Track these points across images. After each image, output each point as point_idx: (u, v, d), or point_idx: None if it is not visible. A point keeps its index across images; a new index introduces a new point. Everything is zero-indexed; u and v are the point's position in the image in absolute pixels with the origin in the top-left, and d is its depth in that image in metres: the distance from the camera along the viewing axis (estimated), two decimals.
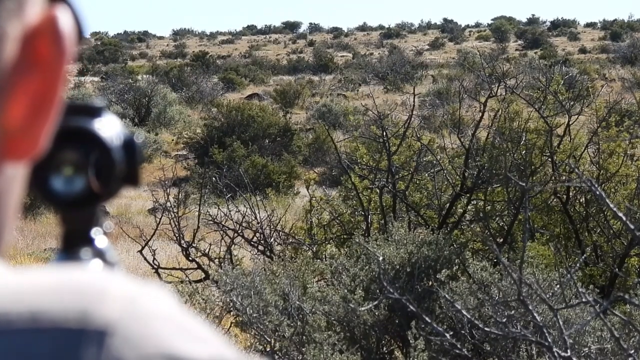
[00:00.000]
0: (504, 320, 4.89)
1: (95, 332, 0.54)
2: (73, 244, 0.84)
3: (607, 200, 3.81)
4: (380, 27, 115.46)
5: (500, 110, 8.42)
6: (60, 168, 0.80)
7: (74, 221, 0.84)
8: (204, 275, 8.20)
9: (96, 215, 0.85)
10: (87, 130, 0.81)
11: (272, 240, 8.62)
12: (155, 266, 8.35)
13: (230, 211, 9.12)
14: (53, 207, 0.82)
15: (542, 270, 6.02)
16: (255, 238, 8.74)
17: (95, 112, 0.82)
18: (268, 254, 8.35)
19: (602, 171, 7.99)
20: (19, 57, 0.59)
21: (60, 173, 0.80)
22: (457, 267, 6.51)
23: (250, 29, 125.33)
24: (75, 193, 0.81)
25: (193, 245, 8.52)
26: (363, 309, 6.05)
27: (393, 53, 61.96)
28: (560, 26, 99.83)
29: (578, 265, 5.58)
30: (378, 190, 8.39)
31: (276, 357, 5.98)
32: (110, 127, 0.82)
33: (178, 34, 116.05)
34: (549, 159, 8.04)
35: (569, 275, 4.73)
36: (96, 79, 47.00)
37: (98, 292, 0.56)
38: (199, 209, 8.96)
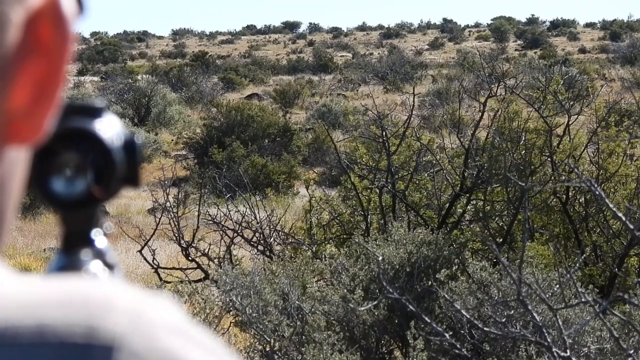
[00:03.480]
0: (504, 320, 4.89)
1: (101, 347, 0.54)
2: (73, 244, 0.84)
3: (607, 200, 3.81)
4: (380, 27, 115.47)
5: (499, 110, 8.41)
6: (61, 169, 0.80)
7: (74, 222, 0.84)
8: (203, 275, 8.20)
9: (96, 216, 0.85)
10: (88, 131, 0.80)
11: (271, 240, 8.62)
12: (155, 266, 8.36)
13: (229, 211, 9.13)
14: (53, 208, 0.82)
15: (542, 270, 6.02)
16: (254, 238, 8.74)
17: (96, 112, 0.82)
18: (268, 253, 8.35)
19: (601, 171, 7.99)
20: (22, 42, 0.59)
21: (61, 174, 0.80)
22: (456, 267, 6.51)
23: (250, 29, 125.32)
24: (75, 194, 0.81)
25: (193, 245, 8.52)
26: (362, 308, 6.04)
27: (393, 53, 61.96)
28: (560, 26, 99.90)
29: (577, 265, 5.57)
30: (377, 190, 8.39)
31: (276, 357, 5.98)
32: (110, 128, 0.82)
33: (177, 34, 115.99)
34: (549, 159, 8.03)
35: (568, 275, 4.73)
36: (96, 78, 47.02)
37: (104, 305, 0.56)
38: (199, 209, 8.96)
